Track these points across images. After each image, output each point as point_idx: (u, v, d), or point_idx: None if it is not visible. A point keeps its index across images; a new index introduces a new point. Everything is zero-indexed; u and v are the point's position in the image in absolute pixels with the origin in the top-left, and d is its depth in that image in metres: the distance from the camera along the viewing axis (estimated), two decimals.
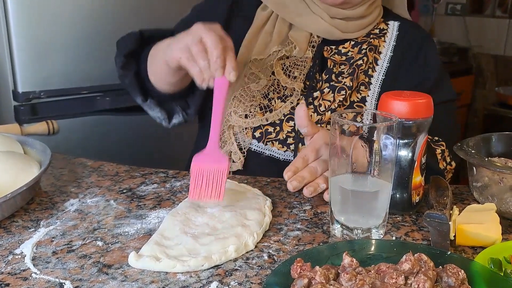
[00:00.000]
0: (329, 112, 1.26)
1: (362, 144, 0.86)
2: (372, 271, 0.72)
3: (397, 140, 0.88)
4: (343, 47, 1.33)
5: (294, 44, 1.28)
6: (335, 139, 0.87)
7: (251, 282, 0.77)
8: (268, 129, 1.27)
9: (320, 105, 1.27)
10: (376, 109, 1.07)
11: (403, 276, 0.69)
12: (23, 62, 1.65)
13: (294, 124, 1.24)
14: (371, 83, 1.30)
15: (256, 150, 1.28)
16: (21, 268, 0.80)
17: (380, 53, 1.34)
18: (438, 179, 1.09)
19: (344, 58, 1.32)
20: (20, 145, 1.15)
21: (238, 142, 1.27)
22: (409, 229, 0.95)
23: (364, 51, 1.32)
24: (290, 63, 1.29)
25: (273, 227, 0.95)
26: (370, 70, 1.31)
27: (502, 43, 3.78)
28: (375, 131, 0.85)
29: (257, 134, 1.27)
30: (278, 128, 1.26)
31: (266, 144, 1.26)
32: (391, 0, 1.47)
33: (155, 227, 0.93)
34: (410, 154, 0.96)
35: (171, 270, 0.79)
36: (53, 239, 0.89)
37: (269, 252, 0.86)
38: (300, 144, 1.24)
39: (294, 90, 1.27)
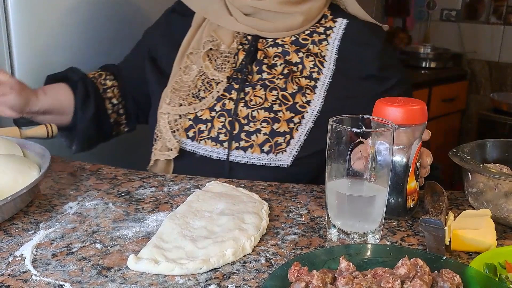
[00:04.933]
0: (263, 110, 1.27)
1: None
2: (368, 275, 0.73)
3: (393, 146, 0.89)
4: (282, 40, 1.35)
5: (218, 40, 1.34)
6: (332, 144, 0.88)
7: (248, 286, 0.78)
8: (200, 127, 1.29)
9: (251, 100, 1.29)
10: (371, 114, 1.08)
11: (399, 281, 0.70)
12: (23, 63, 1.65)
13: (225, 120, 1.28)
14: (317, 87, 1.29)
15: (191, 150, 1.30)
16: (21, 270, 0.80)
17: (324, 56, 1.32)
18: (434, 185, 1.10)
19: (280, 49, 1.34)
20: (19, 148, 1.15)
21: (173, 130, 1.30)
22: (405, 234, 0.96)
23: (301, 54, 1.32)
24: (219, 56, 1.34)
25: (270, 231, 0.96)
26: (315, 73, 1.31)
27: (496, 49, 3.80)
28: (371, 137, 0.86)
29: (190, 133, 1.30)
30: (209, 124, 1.29)
31: (199, 143, 1.29)
32: None
33: (154, 230, 0.94)
34: (404, 160, 0.97)
35: (169, 273, 0.80)
36: (52, 242, 0.90)
37: (266, 255, 0.87)
38: (233, 141, 1.26)
39: (221, 81, 1.32)
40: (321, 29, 1.36)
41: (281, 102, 1.27)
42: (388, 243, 0.93)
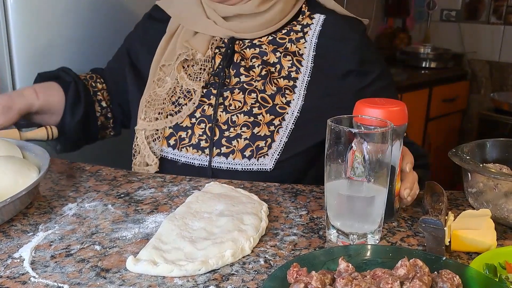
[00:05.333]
0: (242, 114, 1.25)
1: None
2: (367, 276, 0.73)
3: (392, 146, 0.89)
4: (259, 40, 1.33)
5: (192, 51, 1.32)
6: (331, 145, 0.88)
7: (247, 287, 0.78)
8: (181, 135, 1.28)
9: (230, 105, 1.27)
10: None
11: (398, 282, 0.70)
12: (22, 65, 1.65)
13: (205, 126, 1.27)
14: (296, 86, 1.27)
15: (172, 158, 1.29)
16: (20, 272, 0.80)
17: (301, 54, 1.30)
18: (433, 185, 1.10)
19: (257, 50, 1.32)
20: (19, 150, 1.15)
21: (151, 146, 1.29)
22: (404, 234, 0.96)
23: (279, 53, 1.30)
24: (194, 64, 1.32)
25: (269, 232, 0.95)
26: (293, 73, 1.29)
27: (497, 49, 3.80)
28: (370, 137, 0.85)
29: (171, 141, 1.29)
30: (190, 131, 1.28)
31: (180, 151, 1.28)
32: None
33: (153, 232, 0.94)
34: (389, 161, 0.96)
35: (168, 274, 0.80)
36: (51, 243, 0.90)
37: (265, 257, 0.87)
38: (214, 148, 1.25)
39: (195, 91, 1.30)
40: (298, 27, 1.34)
41: (260, 104, 1.25)
42: (388, 244, 0.92)
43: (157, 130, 1.29)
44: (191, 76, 1.31)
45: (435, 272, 0.75)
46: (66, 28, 1.73)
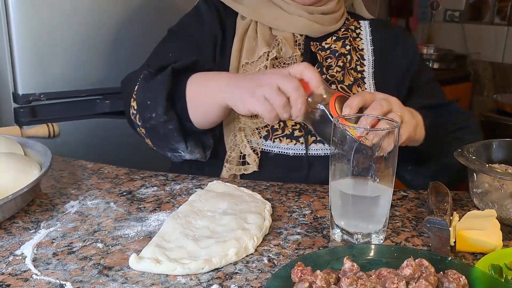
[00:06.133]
0: None
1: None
2: (373, 276, 0.73)
3: (398, 146, 0.88)
4: (326, 43, 1.37)
5: (281, 45, 1.31)
6: (336, 144, 0.87)
7: (251, 286, 0.77)
8: (273, 126, 1.28)
9: None
10: None
11: (404, 281, 0.69)
12: (24, 64, 1.65)
13: None
14: (365, 77, 1.35)
15: (265, 149, 1.28)
16: (22, 269, 0.80)
17: (362, 49, 1.40)
18: (438, 185, 1.09)
19: (328, 52, 1.36)
20: (20, 147, 1.15)
21: (251, 145, 1.28)
22: (409, 234, 0.96)
23: (348, 46, 1.37)
24: (280, 63, 1.31)
25: (272, 231, 0.95)
26: (358, 66, 1.35)
27: (500, 50, 3.79)
28: (376, 136, 0.85)
29: (263, 133, 1.28)
30: (282, 123, 1.28)
31: (274, 142, 1.28)
32: (352, 3, 1.54)
33: (155, 230, 0.93)
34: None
35: (171, 272, 0.79)
36: (53, 241, 0.89)
37: (269, 256, 0.86)
38: (309, 136, 1.26)
39: None
40: (352, 27, 1.44)
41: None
42: (392, 244, 0.92)
43: (257, 128, 1.28)
44: None
45: (441, 272, 0.74)
46: (68, 27, 1.73)
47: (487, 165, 1.06)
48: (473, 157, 1.06)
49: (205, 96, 1.14)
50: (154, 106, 1.16)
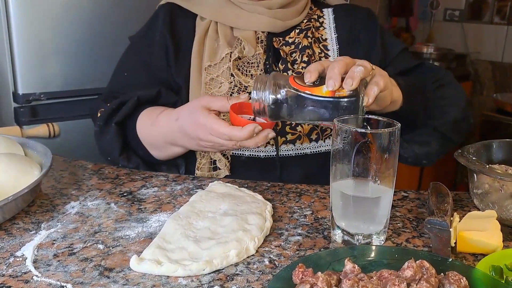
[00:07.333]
0: None
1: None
2: (374, 278, 0.73)
3: (398, 146, 0.88)
4: (289, 37, 1.37)
5: (243, 44, 1.31)
6: (337, 144, 0.87)
7: (252, 287, 0.77)
8: None
9: None
10: None
11: (405, 283, 0.69)
12: (24, 64, 1.65)
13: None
14: None
15: (236, 153, 1.29)
16: (23, 271, 0.80)
17: (325, 39, 1.38)
18: (439, 186, 1.09)
19: (293, 46, 1.35)
20: (21, 147, 1.15)
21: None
22: (409, 235, 0.96)
23: (310, 38, 1.36)
24: (244, 62, 1.32)
25: (273, 232, 0.95)
26: (323, 58, 1.34)
27: (500, 49, 3.79)
28: (377, 137, 0.85)
29: None
30: None
31: None
32: None
33: (156, 231, 0.93)
34: None
35: (172, 274, 0.79)
36: (54, 242, 0.89)
37: (270, 257, 0.86)
38: (279, 137, 1.27)
39: None
40: (315, 16, 1.42)
41: None
42: (393, 245, 0.92)
43: None
44: (243, 73, 1.31)
45: (442, 274, 0.74)
46: (67, 30, 1.73)
47: (487, 166, 1.06)
48: (473, 158, 1.06)
49: (158, 136, 1.23)
50: (112, 152, 1.28)
